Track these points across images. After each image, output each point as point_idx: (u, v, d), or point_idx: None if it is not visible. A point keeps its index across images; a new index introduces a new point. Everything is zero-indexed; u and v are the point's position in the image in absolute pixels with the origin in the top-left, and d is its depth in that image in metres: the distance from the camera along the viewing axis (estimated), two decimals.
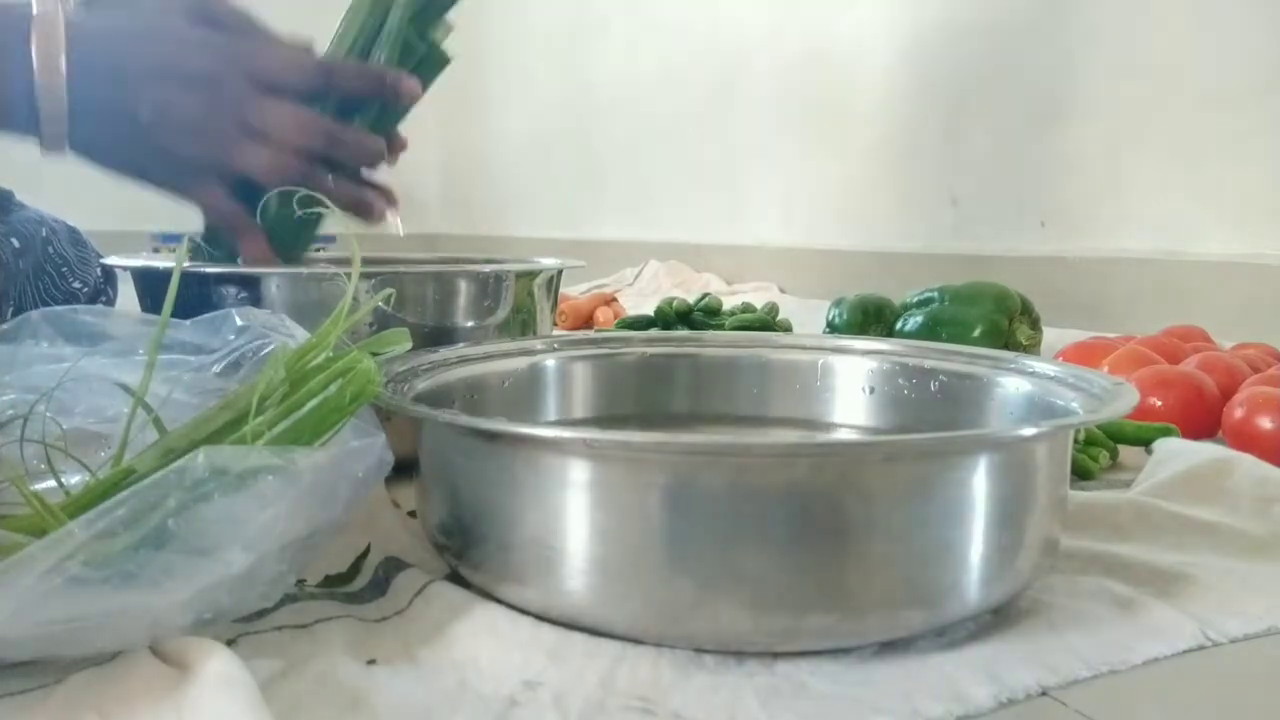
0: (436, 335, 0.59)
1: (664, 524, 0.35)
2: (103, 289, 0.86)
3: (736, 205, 2.16)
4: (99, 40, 0.54)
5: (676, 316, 1.26)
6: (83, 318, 0.47)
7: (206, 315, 0.48)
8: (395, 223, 0.62)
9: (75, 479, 0.41)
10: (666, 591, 0.35)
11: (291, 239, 0.61)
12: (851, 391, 0.58)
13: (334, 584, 0.42)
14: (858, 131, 1.85)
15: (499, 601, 0.38)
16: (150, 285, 0.62)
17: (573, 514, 0.36)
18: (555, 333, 0.70)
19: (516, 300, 0.63)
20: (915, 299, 1.04)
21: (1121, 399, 0.41)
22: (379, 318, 0.56)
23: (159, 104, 0.55)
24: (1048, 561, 0.41)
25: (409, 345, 0.41)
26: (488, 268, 0.63)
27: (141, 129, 0.55)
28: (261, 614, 0.38)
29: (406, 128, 0.63)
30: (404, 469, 0.43)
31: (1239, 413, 0.66)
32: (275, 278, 0.56)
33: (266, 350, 0.45)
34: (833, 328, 1.09)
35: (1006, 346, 0.96)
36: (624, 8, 2.47)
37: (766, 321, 1.22)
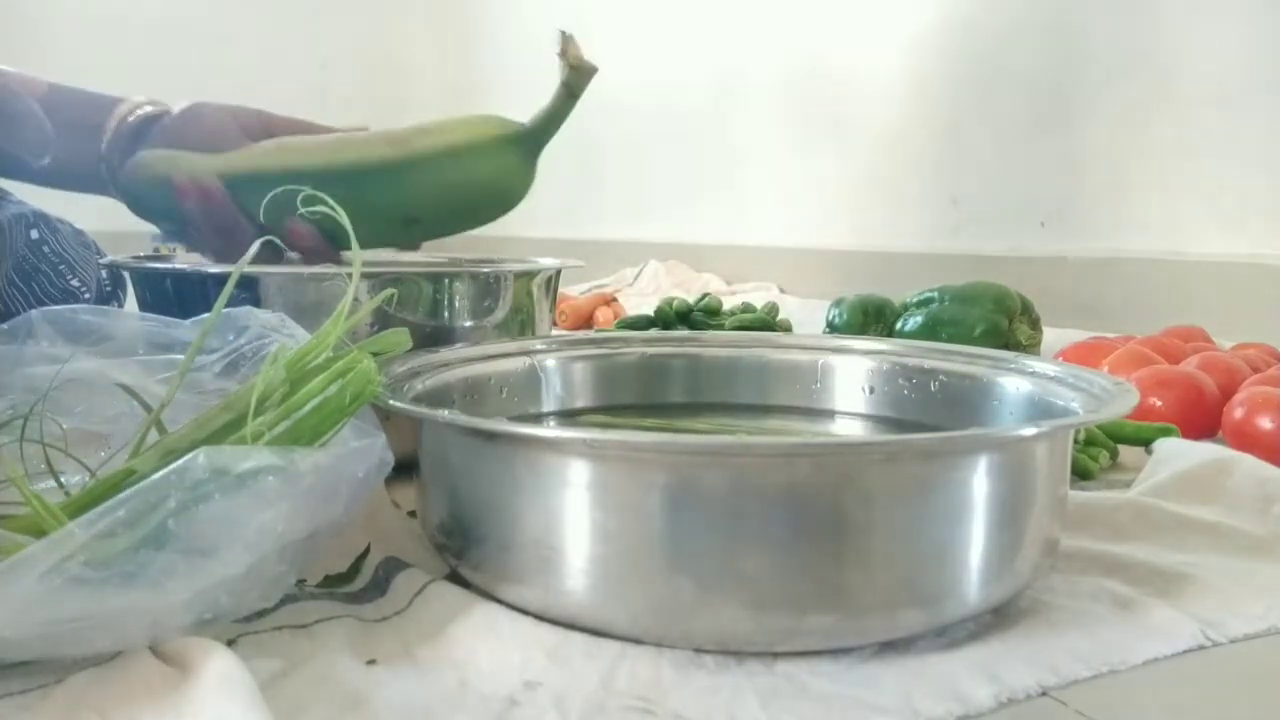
0: (436, 335, 0.59)
1: (664, 524, 0.35)
2: (112, 294, 0.86)
3: (736, 205, 2.15)
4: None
5: (676, 316, 1.26)
6: (83, 318, 0.47)
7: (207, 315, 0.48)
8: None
9: (75, 479, 0.41)
10: (666, 591, 0.35)
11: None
12: (851, 391, 0.58)
13: (334, 584, 0.42)
14: (858, 132, 1.85)
15: (499, 601, 0.38)
16: (149, 285, 0.62)
17: (573, 514, 0.36)
18: (555, 333, 0.70)
19: (515, 300, 0.63)
20: (915, 299, 1.04)
21: (1121, 399, 0.41)
22: (379, 318, 0.56)
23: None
24: (1048, 561, 0.41)
25: (409, 345, 0.41)
26: (487, 268, 0.63)
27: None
28: (261, 614, 0.38)
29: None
30: (404, 469, 0.43)
31: (1239, 413, 0.66)
32: (275, 278, 0.56)
33: (266, 350, 0.45)
34: (833, 328, 1.09)
35: (1006, 346, 0.96)
36: (623, 7, 2.47)
37: (766, 321, 1.22)
